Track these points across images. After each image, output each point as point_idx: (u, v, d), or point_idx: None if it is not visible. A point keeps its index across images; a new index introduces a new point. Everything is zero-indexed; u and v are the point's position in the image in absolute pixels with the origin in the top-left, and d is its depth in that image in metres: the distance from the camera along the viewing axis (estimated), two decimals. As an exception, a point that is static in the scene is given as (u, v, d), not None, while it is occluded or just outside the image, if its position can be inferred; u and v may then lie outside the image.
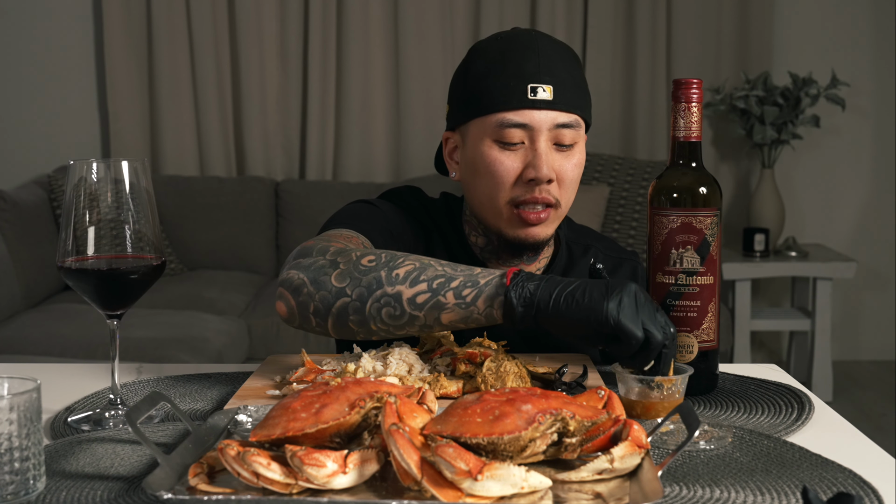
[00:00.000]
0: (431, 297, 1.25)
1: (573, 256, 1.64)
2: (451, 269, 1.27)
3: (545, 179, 1.46)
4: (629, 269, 1.66)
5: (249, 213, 4.34)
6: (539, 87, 1.46)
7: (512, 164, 1.47)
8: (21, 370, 1.48)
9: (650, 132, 4.67)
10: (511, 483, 0.90)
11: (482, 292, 1.24)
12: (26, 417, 0.95)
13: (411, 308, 1.26)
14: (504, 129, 1.47)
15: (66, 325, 3.48)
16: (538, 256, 1.59)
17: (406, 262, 1.28)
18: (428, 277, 1.26)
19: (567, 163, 1.49)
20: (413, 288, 1.26)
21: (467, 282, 1.25)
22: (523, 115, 1.46)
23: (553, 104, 1.46)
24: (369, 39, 4.55)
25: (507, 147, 1.48)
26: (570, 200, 1.52)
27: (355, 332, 1.29)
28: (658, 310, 1.20)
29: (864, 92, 4.75)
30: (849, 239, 4.83)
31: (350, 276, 1.28)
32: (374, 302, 1.27)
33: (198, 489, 0.94)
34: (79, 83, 4.58)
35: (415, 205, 1.63)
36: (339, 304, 1.28)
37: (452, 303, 1.25)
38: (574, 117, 1.48)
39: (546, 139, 1.47)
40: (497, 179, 1.48)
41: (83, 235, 1.18)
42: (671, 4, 4.65)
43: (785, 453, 1.08)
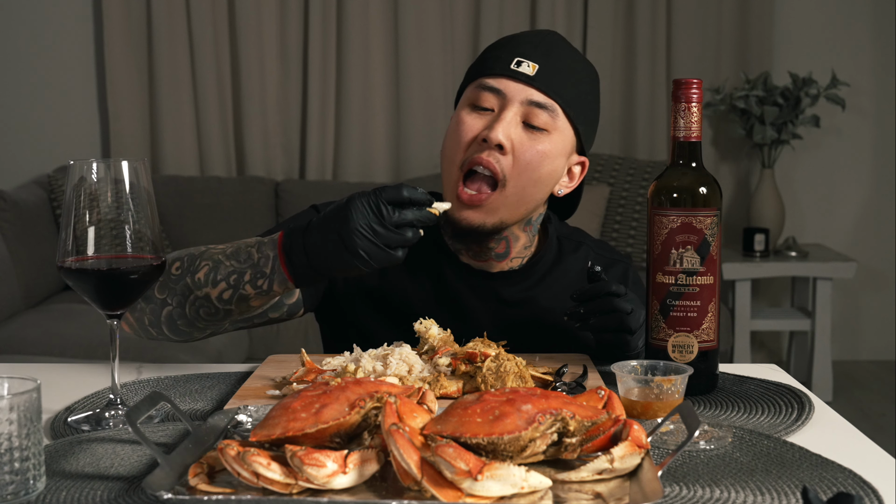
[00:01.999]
0: (234, 292, 1.35)
1: (563, 252, 1.63)
2: (237, 262, 1.35)
3: (495, 141, 1.45)
4: (620, 270, 1.65)
5: (249, 213, 4.34)
6: (525, 62, 1.48)
7: (476, 125, 1.48)
8: (21, 370, 1.48)
9: (650, 132, 4.67)
10: (511, 483, 0.90)
11: (273, 280, 1.32)
12: (26, 417, 0.95)
13: (221, 304, 1.36)
14: (480, 92, 1.49)
15: (66, 325, 3.48)
16: (496, 250, 1.55)
17: (201, 263, 1.37)
18: (223, 276, 1.35)
19: (530, 142, 1.47)
20: (216, 288, 1.35)
21: (256, 273, 1.33)
22: (499, 82, 1.48)
23: (532, 80, 1.46)
24: (369, 39, 4.55)
25: (477, 110, 1.49)
26: (523, 188, 1.47)
27: (189, 332, 1.40)
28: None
29: (864, 92, 4.75)
30: (849, 239, 4.83)
31: (167, 286, 1.38)
32: (190, 306, 1.37)
33: (198, 489, 0.94)
34: (79, 83, 4.58)
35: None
36: (164, 312, 1.39)
37: (253, 293, 1.34)
38: (550, 101, 1.47)
39: (516, 111, 1.47)
40: (456, 138, 1.50)
41: (83, 235, 1.18)
42: (671, 4, 4.65)
43: (785, 453, 1.08)
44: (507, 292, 1.58)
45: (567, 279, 1.61)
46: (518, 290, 1.59)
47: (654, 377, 1.19)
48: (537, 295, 1.59)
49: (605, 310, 1.39)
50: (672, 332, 1.32)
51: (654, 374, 1.21)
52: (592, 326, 1.41)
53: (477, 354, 1.27)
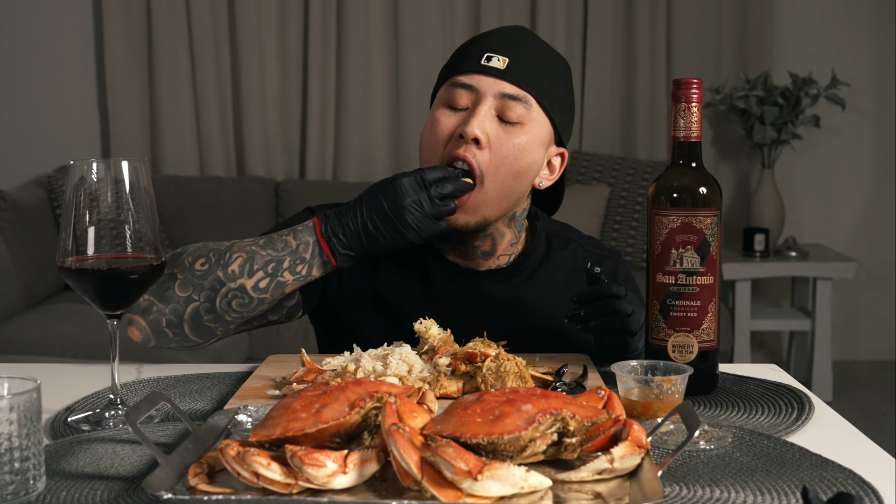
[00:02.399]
0: (271, 280, 1.40)
1: (551, 249, 1.63)
2: (274, 251, 1.41)
3: (471, 135, 1.45)
4: (610, 267, 1.65)
5: (249, 213, 4.34)
6: (495, 57, 1.49)
7: (451, 123, 1.50)
8: (21, 370, 1.48)
9: (650, 132, 4.67)
10: (511, 483, 0.90)
11: (312, 265, 1.41)
12: (26, 417, 0.95)
13: (257, 293, 1.41)
14: (453, 89, 1.50)
15: (66, 325, 3.48)
16: (482, 248, 1.56)
17: (233, 255, 1.41)
18: (261, 265, 1.41)
19: (506, 135, 1.47)
20: (252, 278, 1.40)
21: (295, 259, 1.41)
22: (471, 78, 1.49)
23: (503, 73, 1.47)
24: (369, 39, 4.55)
25: (452, 108, 1.50)
26: (503, 182, 1.48)
27: (213, 328, 1.43)
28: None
29: (864, 92, 4.75)
30: (849, 239, 4.83)
31: (191, 283, 1.41)
32: (222, 299, 1.40)
33: (198, 489, 0.94)
34: (79, 83, 4.58)
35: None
36: (189, 309, 1.40)
37: (291, 279, 1.41)
38: (523, 93, 1.47)
39: (491, 106, 1.47)
40: (433, 137, 1.51)
41: (83, 235, 1.18)
42: (671, 4, 4.65)
43: (785, 453, 1.08)
44: (494, 290, 1.58)
45: (556, 276, 1.61)
46: (506, 287, 1.58)
47: (654, 377, 1.19)
48: (525, 293, 1.59)
49: (606, 312, 1.39)
50: (672, 332, 1.32)
51: (654, 374, 1.21)
52: (593, 329, 1.41)
53: (477, 354, 1.28)
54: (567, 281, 1.60)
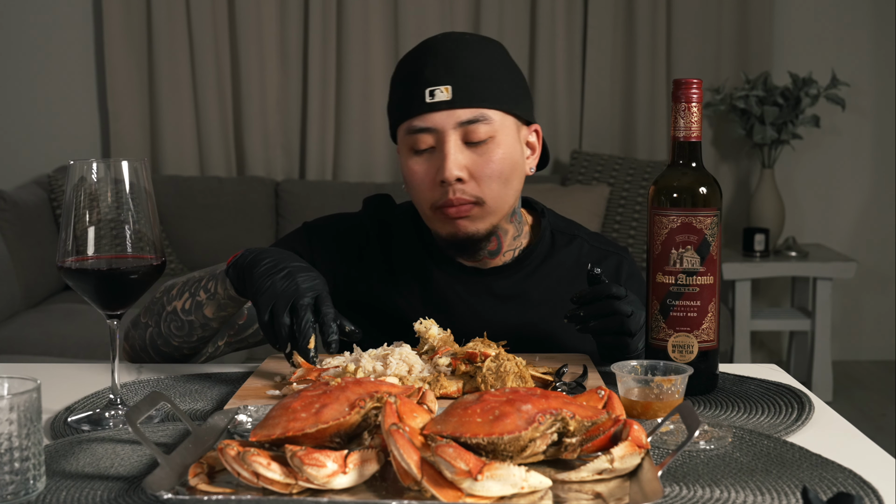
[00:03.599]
0: (191, 299, 1.46)
1: (556, 245, 1.63)
2: (205, 272, 1.47)
3: (451, 180, 1.46)
4: (614, 263, 1.64)
5: (249, 213, 4.34)
6: (437, 89, 1.47)
7: (424, 169, 1.50)
8: (21, 370, 1.48)
9: (650, 132, 4.67)
10: (511, 483, 0.90)
11: (217, 279, 1.44)
12: (26, 417, 0.95)
13: (185, 315, 1.46)
14: (413, 136, 1.49)
15: (66, 325, 3.47)
16: (489, 248, 1.57)
17: (178, 282, 1.49)
18: (189, 287, 1.47)
19: (481, 158, 1.48)
20: (181, 299, 1.47)
21: (210, 277, 1.45)
22: (425, 119, 1.47)
23: (452, 103, 1.46)
24: (369, 39, 4.55)
25: (419, 153, 1.50)
26: (499, 195, 1.50)
27: (168, 353, 1.51)
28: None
29: (864, 92, 4.75)
30: (849, 239, 4.83)
31: (150, 309, 1.51)
32: (164, 322, 1.48)
33: (198, 489, 0.94)
34: (79, 83, 4.58)
35: (348, 223, 1.66)
36: (148, 334, 1.51)
37: (205, 298, 1.45)
38: (479, 112, 1.47)
39: (455, 138, 1.47)
40: (415, 186, 1.51)
41: (83, 235, 1.18)
42: (671, 4, 4.65)
43: (785, 453, 1.08)
44: (498, 286, 1.59)
45: (560, 272, 1.61)
46: (510, 283, 1.59)
47: (654, 377, 1.19)
48: (530, 288, 1.59)
49: (605, 313, 1.39)
50: (672, 332, 1.32)
51: (654, 374, 1.21)
52: (592, 329, 1.41)
53: (477, 354, 1.28)
54: (571, 276, 1.60)
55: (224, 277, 1.42)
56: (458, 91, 1.46)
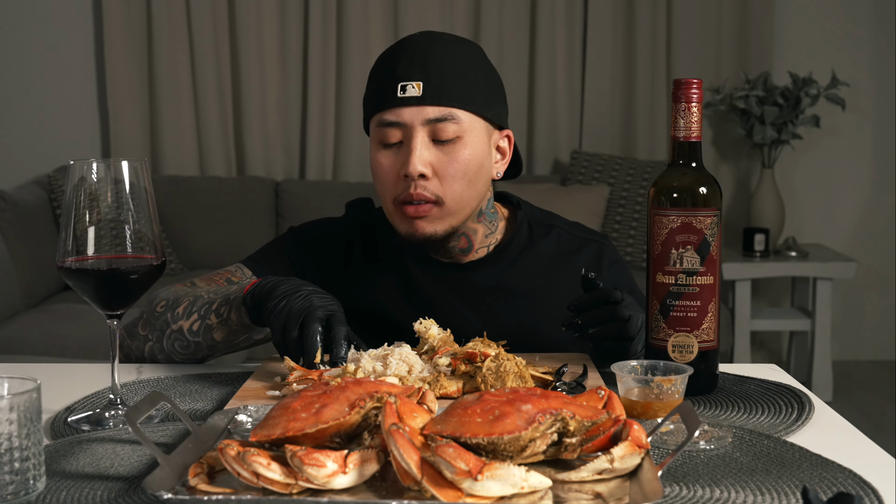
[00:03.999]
0: (201, 322, 1.44)
1: (534, 236, 1.63)
2: (215, 295, 1.45)
3: (415, 175, 1.47)
4: (595, 250, 1.64)
5: (249, 213, 4.34)
6: (408, 85, 1.48)
7: (390, 162, 1.51)
8: (21, 370, 1.48)
9: (650, 132, 4.67)
10: (511, 483, 0.90)
11: (232, 306, 1.42)
12: (26, 417, 0.95)
13: (192, 336, 1.45)
14: (382, 129, 1.51)
15: (66, 325, 3.48)
16: (459, 246, 1.58)
17: (183, 299, 1.47)
18: (198, 307, 1.45)
19: (447, 157, 1.48)
20: (188, 320, 1.45)
21: (223, 302, 1.43)
22: (395, 114, 1.49)
23: (422, 99, 1.47)
24: (369, 40, 4.55)
25: (387, 147, 1.51)
26: (460, 196, 1.50)
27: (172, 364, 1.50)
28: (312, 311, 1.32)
29: (864, 92, 4.75)
30: (849, 239, 4.83)
31: (149, 323, 1.50)
32: (167, 340, 1.47)
33: (198, 489, 0.94)
34: (79, 83, 4.58)
35: (333, 228, 1.67)
36: (147, 348, 1.50)
37: (216, 322, 1.44)
38: (448, 110, 1.47)
39: (422, 135, 1.48)
40: (380, 179, 1.52)
41: (83, 235, 1.18)
42: (671, 4, 4.65)
43: (785, 453, 1.08)
44: (478, 279, 1.60)
45: (539, 262, 1.61)
46: (489, 275, 1.60)
47: (654, 377, 1.19)
48: (509, 280, 1.60)
49: (604, 319, 1.39)
50: (672, 332, 1.32)
51: (654, 374, 1.21)
52: (591, 336, 1.41)
53: (477, 354, 1.27)
54: (551, 266, 1.61)
55: (240, 305, 1.41)
56: (429, 88, 1.47)
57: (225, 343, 1.46)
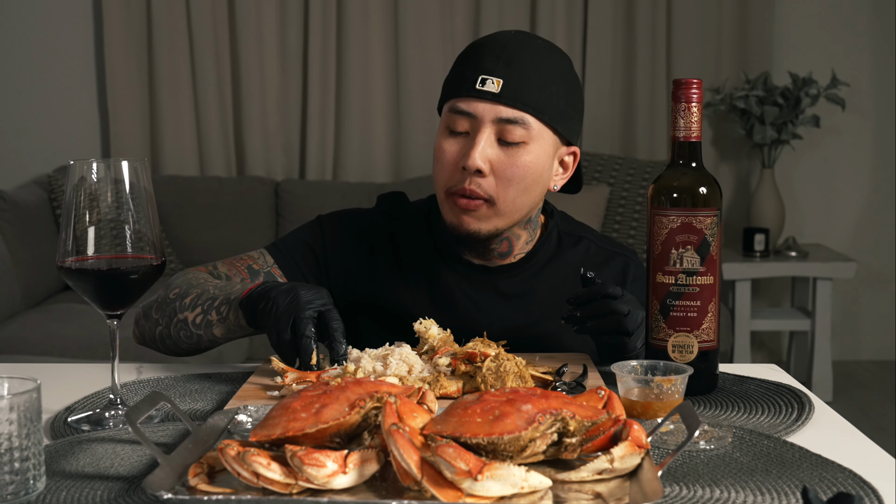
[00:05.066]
0: (203, 317, 1.45)
1: (562, 246, 1.64)
2: (220, 291, 1.45)
3: (473, 168, 1.47)
4: (620, 265, 1.64)
5: (249, 213, 4.34)
6: (489, 79, 1.47)
7: (453, 150, 1.51)
8: (21, 370, 1.48)
9: (650, 132, 4.67)
10: (511, 483, 0.90)
11: (231, 306, 1.42)
12: (26, 417, 0.95)
13: (194, 329, 1.46)
14: (453, 116, 1.51)
15: (66, 325, 3.47)
16: (500, 250, 1.58)
17: (192, 290, 1.48)
18: (202, 301, 1.46)
19: (508, 159, 1.48)
20: (193, 312, 1.46)
21: (224, 300, 1.43)
22: (469, 104, 1.48)
23: (498, 97, 1.47)
24: (369, 39, 4.55)
25: (454, 134, 1.51)
26: (513, 200, 1.50)
27: (175, 351, 1.52)
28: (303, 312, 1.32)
29: (864, 92, 4.75)
30: (849, 239, 4.83)
31: (161, 308, 1.51)
32: (174, 328, 1.49)
33: (198, 489, 0.94)
34: (79, 83, 4.58)
35: (361, 220, 1.66)
36: (157, 331, 1.52)
37: (216, 319, 1.44)
38: (520, 114, 1.47)
39: (490, 132, 1.48)
40: (440, 164, 1.52)
41: (83, 235, 1.18)
42: (671, 4, 4.65)
43: (785, 453, 1.08)
44: (504, 285, 1.59)
45: (565, 271, 1.61)
46: (516, 282, 1.60)
47: (654, 377, 1.19)
48: (535, 287, 1.60)
49: (602, 313, 1.39)
50: (672, 332, 1.32)
51: (654, 374, 1.21)
52: (590, 329, 1.41)
53: (477, 354, 1.27)
54: (575, 277, 1.60)
55: (238, 307, 1.41)
56: (508, 87, 1.47)
57: (225, 339, 1.46)
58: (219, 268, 1.60)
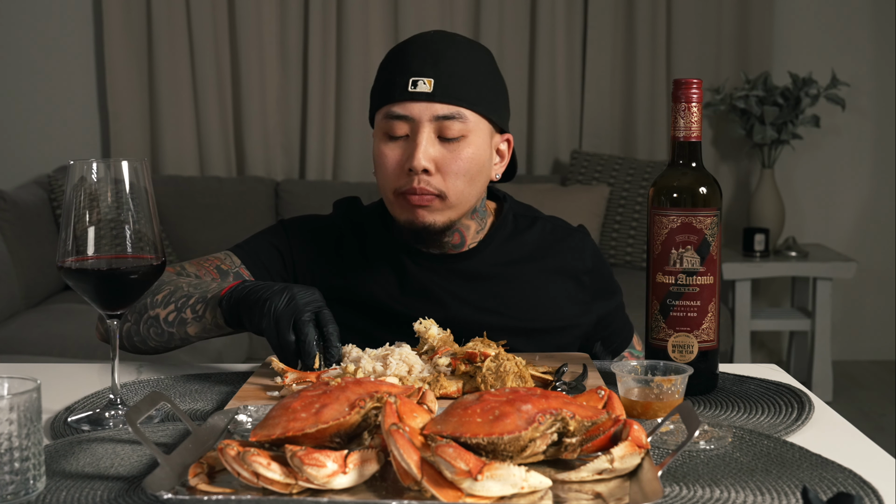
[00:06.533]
0: (177, 314, 1.44)
1: (518, 227, 1.67)
2: (194, 289, 1.45)
3: (419, 169, 1.50)
4: (578, 240, 1.68)
5: (249, 213, 4.34)
6: (420, 80, 1.51)
7: (395, 154, 1.53)
8: (21, 370, 1.48)
9: (650, 132, 4.67)
10: (511, 483, 0.90)
11: (208, 305, 1.42)
12: (26, 417, 0.95)
13: (166, 326, 1.45)
14: (389, 122, 1.52)
15: (66, 325, 3.47)
16: (452, 242, 1.61)
17: (164, 287, 1.48)
18: (175, 298, 1.45)
19: (451, 154, 1.51)
20: (165, 309, 1.45)
21: (200, 298, 1.43)
22: (404, 108, 1.51)
23: (432, 96, 1.50)
24: (369, 39, 4.55)
25: (393, 139, 1.54)
26: (462, 192, 1.54)
27: (143, 349, 1.51)
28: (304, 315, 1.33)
29: (864, 92, 4.75)
30: (849, 239, 4.83)
31: (131, 305, 1.45)
32: (143, 324, 1.47)
33: (198, 489, 0.94)
34: (79, 83, 4.58)
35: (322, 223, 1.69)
36: (125, 328, 1.50)
37: (191, 317, 1.43)
38: (456, 109, 1.50)
39: (429, 131, 1.51)
40: (383, 171, 1.55)
41: (83, 235, 1.18)
42: (671, 4, 4.65)
43: (785, 453, 1.08)
44: (468, 266, 1.62)
45: (525, 250, 1.65)
46: (477, 263, 1.63)
47: (654, 377, 1.19)
48: (497, 265, 1.63)
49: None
50: (672, 332, 1.32)
51: (654, 374, 1.21)
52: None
53: (477, 354, 1.28)
54: (538, 253, 1.65)
55: (216, 306, 1.41)
56: (440, 86, 1.50)
57: (198, 338, 1.47)
58: (187, 268, 1.60)
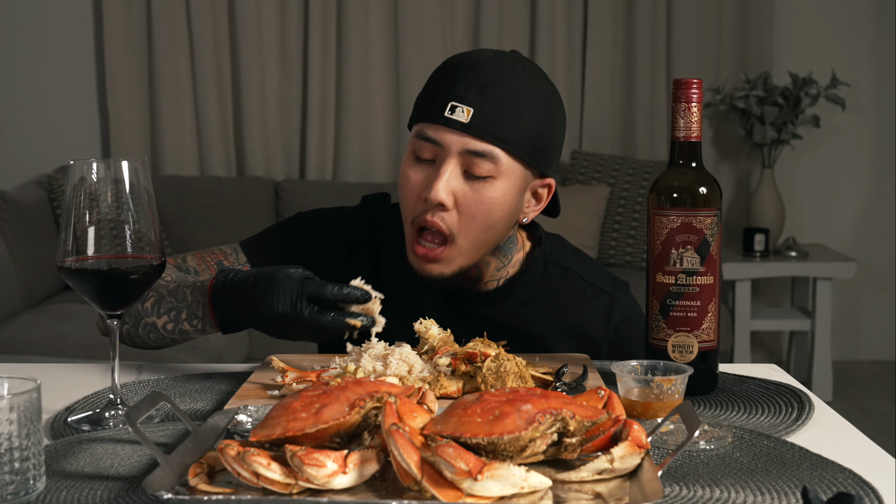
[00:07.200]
0: (175, 325, 1.41)
1: (546, 276, 1.56)
2: (175, 300, 1.40)
3: (435, 202, 1.39)
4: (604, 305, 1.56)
5: (249, 213, 4.34)
6: (459, 107, 1.38)
7: (418, 178, 1.42)
8: (21, 370, 1.48)
9: (650, 132, 4.67)
10: (511, 483, 0.90)
11: (205, 322, 1.38)
12: (26, 417, 0.95)
13: (166, 333, 1.42)
14: (419, 142, 1.42)
15: (66, 325, 3.48)
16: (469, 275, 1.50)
17: (149, 293, 1.42)
18: (165, 309, 1.41)
19: (474, 194, 1.40)
20: (160, 319, 1.42)
21: (191, 314, 1.39)
22: (436, 132, 1.40)
23: (467, 127, 1.37)
24: (369, 39, 4.55)
25: (419, 161, 1.43)
26: (475, 237, 1.42)
27: (144, 347, 1.48)
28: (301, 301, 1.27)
29: (864, 92, 4.75)
30: (849, 239, 4.83)
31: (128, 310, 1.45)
32: (142, 329, 1.44)
33: (198, 489, 0.94)
34: (79, 83, 4.58)
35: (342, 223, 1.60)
36: (123, 329, 1.46)
37: (191, 329, 1.40)
38: (490, 148, 1.38)
39: (456, 164, 1.39)
40: (403, 193, 1.45)
41: (83, 235, 1.18)
42: (671, 4, 4.65)
43: (785, 453, 1.08)
44: (484, 312, 1.54)
45: (546, 304, 1.55)
46: (496, 310, 1.54)
47: (654, 377, 1.19)
48: (515, 317, 1.54)
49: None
50: (672, 332, 1.32)
51: (654, 374, 1.21)
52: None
53: (477, 354, 1.27)
54: (558, 310, 1.55)
55: (210, 320, 1.36)
56: (478, 118, 1.37)
57: (198, 335, 1.44)
58: (188, 261, 1.55)
